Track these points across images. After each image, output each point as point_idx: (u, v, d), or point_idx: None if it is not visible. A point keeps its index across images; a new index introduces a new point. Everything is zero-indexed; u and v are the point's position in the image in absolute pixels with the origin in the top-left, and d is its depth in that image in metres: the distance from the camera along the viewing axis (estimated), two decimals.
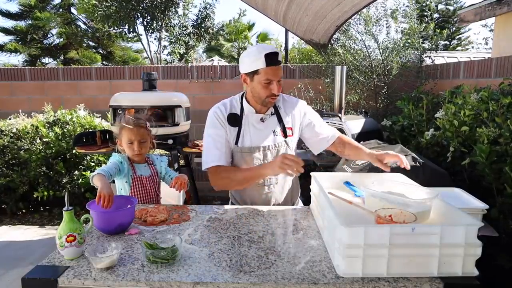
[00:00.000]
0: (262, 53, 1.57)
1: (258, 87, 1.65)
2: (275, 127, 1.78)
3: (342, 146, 1.86)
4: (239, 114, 1.76)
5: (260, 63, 1.59)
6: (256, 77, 1.63)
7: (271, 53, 1.58)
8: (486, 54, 9.12)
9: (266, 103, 1.70)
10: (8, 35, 13.22)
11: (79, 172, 3.96)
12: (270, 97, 1.66)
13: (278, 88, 1.64)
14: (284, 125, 1.79)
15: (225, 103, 1.81)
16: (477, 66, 3.56)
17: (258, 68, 1.60)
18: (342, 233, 1.06)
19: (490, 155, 1.95)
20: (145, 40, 9.75)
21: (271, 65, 1.59)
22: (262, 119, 1.75)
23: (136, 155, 1.85)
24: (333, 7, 2.50)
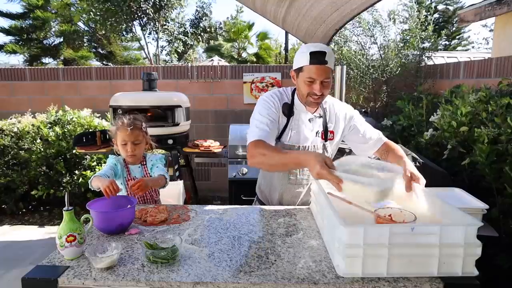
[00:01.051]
0: (309, 50, 1.55)
1: (301, 84, 1.63)
2: (319, 129, 1.76)
3: (386, 153, 1.75)
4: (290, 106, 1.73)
5: (305, 60, 1.57)
6: (301, 74, 1.62)
7: (317, 51, 1.55)
8: (486, 54, 9.12)
9: (309, 102, 1.65)
10: (8, 35, 13.21)
11: (79, 172, 3.96)
12: (311, 96, 1.62)
13: (320, 89, 1.58)
14: (326, 128, 1.76)
15: (279, 92, 1.76)
16: (477, 66, 3.56)
17: (303, 65, 1.59)
18: (341, 233, 1.06)
19: (490, 155, 1.95)
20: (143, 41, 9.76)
21: (315, 63, 1.55)
22: (309, 119, 1.73)
23: (129, 156, 1.84)
24: (332, 12, 2.50)
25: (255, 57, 15.84)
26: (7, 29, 12.94)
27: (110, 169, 1.79)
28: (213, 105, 4.88)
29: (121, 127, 1.82)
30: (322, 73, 1.58)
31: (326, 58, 1.56)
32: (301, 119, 1.73)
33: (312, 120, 1.74)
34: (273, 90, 1.78)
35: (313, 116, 1.74)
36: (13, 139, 4.00)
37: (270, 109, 1.68)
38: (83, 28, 12.97)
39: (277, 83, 4.80)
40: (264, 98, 1.73)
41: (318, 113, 1.76)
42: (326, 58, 1.56)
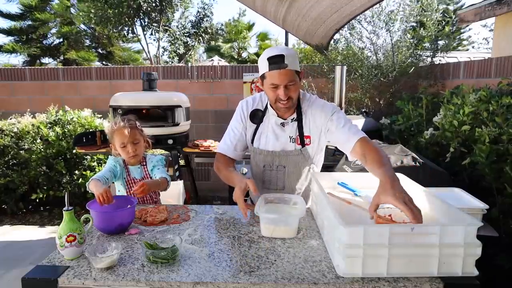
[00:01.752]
0: (267, 56, 1.53)
1: (267, 91, 1.62)
2: (292, 134, 1.71)
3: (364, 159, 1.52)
4: (263, 112, 1.74)
5: (265, 66, 1.54)
6: (264, 81, 1.60)
7: (274, 56, 1.51)
8: (486, 54, 9.12)
9: (278, 107, 1.63)
10: (8, 35, 13.22)
11: (80, 172, 3.96)
12: (279, 102, 1.59)
13: (285, 93, 1.54)
14: (302, 133, 1.70)
15: (254, 98, 1.79)
16: (477, 66, 3.56)
17: (264, 72, 1.57)
18: (341, 233, 1.06)
19: (490, 155, 1.95)
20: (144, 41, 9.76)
21: (275, 69, 1.52)
22: (282, 124, 1.71)
23: (131, 157, 1.83)
24: (332, 13, 2.51)
25: (256, 56, 15.86)
26: (7, 30, 12.94)
27: (108, 171, 1.78)
28: (213, 105, 4.88)
29: (117, 129, 1.80)
30: (284, 78, 1.53)
31: (285, 61, 1.51)
32: (270, 124, 1.72)
33: (286, 124, 1.71)
34: (249, 97, 1.82)
35: (285, 121, 1.70)
36: (13, 139, 4.00)
37: (236, 119, 1.78)
38: (84, 29, 12.98)
39: None
40: (237, 107, 1.80)
41: (292, 117, 1.70)
42: (285, 61, 1.51)
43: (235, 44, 16.22)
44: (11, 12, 13.04)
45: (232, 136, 1.78)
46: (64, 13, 12.59)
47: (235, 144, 1.77)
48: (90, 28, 12.74)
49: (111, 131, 1.82)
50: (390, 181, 1.25)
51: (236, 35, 15.60)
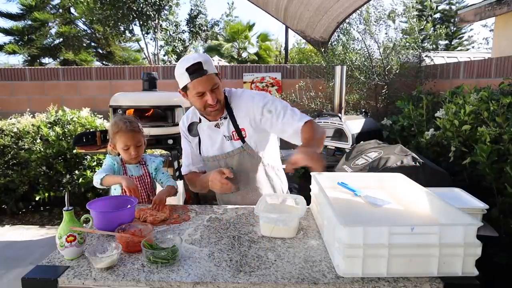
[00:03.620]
0: (184, 67, 1.52)
1: (194, 100, 1.61)
2: (227, 132, 1.71)
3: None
4: (198, 123, 1.78)
5: (185, 78, 1.54)
6: (188, 92, 1.59)
7: (192, 65, 1.50)
8: (486, 54, 9.12)
9: (208, 114, 1.65)
10: (8, 35, 13.22)
11: (80, 172, 3.96)
12: (208, 107, 1.60)
13: (213, 98, 1.55)
14: (238, 126, 1.69)
15: (188, 113, 1.85)
16: (477, 66, 3.56)
17: (186, 83, 1.55)
18: (341, 232, 1.06)
19: (491, 155, 1.95)
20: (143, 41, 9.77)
21: (196, 77, 1.52)
22: (217, 125, 1.72)
23: (133, 158, 1.85)
24: (335, 2, 2.50)
25: (256, 56, 15.87)
26: (7, 30, 12.94)
27: (110, 169, 1.79)
28: None
29: (121, 132, 1.80)
30: (207, 84, 1.54)
31: (204, 67, 1.52)
32: (205, 130, 1.76)
33: (221, 125, 1.72)
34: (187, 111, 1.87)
35: (219, 121, 1.71)
36: (13, 139, 4.00)
37: (183, 137, 1.86)
38: (83, 29, 12.98)
39: (277, 83, 4.80)
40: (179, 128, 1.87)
41: (224, 115, 1.70)
42: (204, 67, 1.52)
43: (235, 44, 16.23)
44: (11, 12, 13.06)
45: (186, 155, 1.87)
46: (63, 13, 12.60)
47: (191, 160, 1.85)
48: (90, 28, 12.75)
49: (114, 132, 1.82)
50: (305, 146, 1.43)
51: (236, 35, 15.61)
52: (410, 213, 1.36)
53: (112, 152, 1.88)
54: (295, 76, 4.82)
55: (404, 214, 1.36)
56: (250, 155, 1.72)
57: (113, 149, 1.86)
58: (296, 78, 4.81)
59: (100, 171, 1.74)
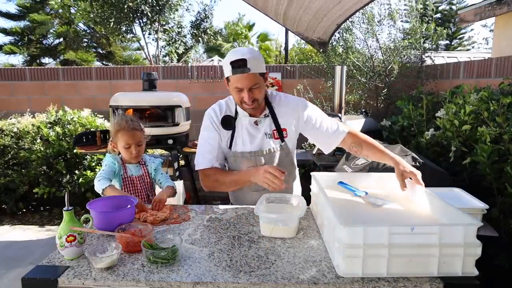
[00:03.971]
0: (230, 60, 1.52)
1: (232, 93, 1.63)
2: (268, 130, 1.72)
3: (358, 147, 1.69)
4: (233, 117, 1.72)
5: (228, 71, 1.55)
6: (229, 84, 1.61)
7: (236, 60, 1.51)
8: (486, 54, 9.12)
9: (244, 109, 1.66)
10: (8, 35, 13.22)
11: (80, 172, 3.96)
12: (244, 104, 1.61)
13: (249, 96, 1.56)
14: (279, 127, 1.72)
15: (220, 105, 1.77)
16: (477, 66, 3.56)
17: (228, 75, 1.57)
18: (341, 232, 1.06)
19: (491, 155, 1.95)
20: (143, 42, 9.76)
21: (237, 73, 1.53)
22: (256, 122, 1.71)
23: (133, 157, 1.84)
24: (334, 5, 2.49)
25: None
26: (7, 30, 12.94)
27: (111, 171, 1.78)
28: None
29: (123, 130, 1.80)
30: (247, 82, 1.54)
31: (248, 65, 1.51)
32: (245, 125, 1.71)
33: (259, 122, 1.71)
34: (214, 105, 1.79)
35: (258, 118, 1.71)
36: (13, 139, 4.01)
37: (209, 129, 1.73)
38: (83, 29, 12.98)
39: (277, 83, 4.80)
40: (205, 117, 1.77)
41: (265, 113, 1.71)
42: (248, 65, 1.51)
43: (236, 44, 16.23)
44: (10, 13, 13.06)
45: (209, 148, 1.72)
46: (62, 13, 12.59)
47: (216, 155, 1.72)
48: (90, 28, 12.74)
49: (116, 130, 1.82)
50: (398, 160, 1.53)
51: (237, 35, 15.62)
52: (410, 213, 1.36)
53: (112, 151, 1.88)
54: (295, 76, 4.82)
55: (404, 214, 1.36)
56: (286, 154, 1.76)
57: (114, 147, 1.86)
58: (296, 78, 4.81)
59: (102, 175, 1.71)
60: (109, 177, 1.71)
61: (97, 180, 1.68)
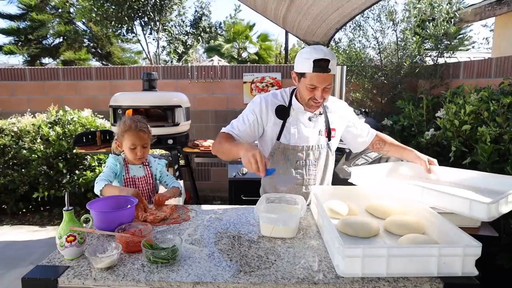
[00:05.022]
0: (313, 57, 1.53)
1: (303, 89, 1.63)
2: (321, 127, 1.76)
3: (381, 144, 1.90)
4: (287, 108, 1.73)
5: (308, 67, 1.55)
6: (303, 80, 1.61)
7: (321, 59, 1.52)
8: (486, 54, 9.11)
9: (309, 106, 1.67)
10: (8, 35, 13.22)
11: (80, 172, 3.96)
12: (312, 101, 1.63)
13: (322, 95, 1.60)
14: (329, 126, 1.78)
15: (275, 94, 1.78)
16: (477, 66, 3.56)
17: (306, 71, 1.57)
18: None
19: (492, 155, 1.95)
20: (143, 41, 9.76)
21: (318, 71, 1.54)
22: (310, 118, 1.74)
23: (138, 159, 1.83)
24: (333, 11, 2.49)
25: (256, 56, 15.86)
26: (7, 30, 12.94)
27: (111, 172, 1.77)
28: (213, 105, 4.88)
29: (131, 130, 1.79)
30: (325, 81, 1.58)
31: (329, 66, 1.55)
32: (299, 119, 1.73)
33: (312, 119, 1.74)
34: (268, 93, 1.79)
35: (313, 115, 1.74)
36: (13, 138, 4.00)
37: (253, 112, 1.72)
38: (83, 29, 12.97)
39: (277, 83, 4.80)
40: (257, 100, 1.75)
41: (319, 111, 1.75)
42: (329, 66, 1.55)
43: (235, 44, 16.23)
44: (11, 13, 13.06)
45: (241, 124, 1.73)
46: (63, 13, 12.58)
47: (242, 131, 1.72)
48: (89, 28, 12.74)
49: (123, 130, 1.80)
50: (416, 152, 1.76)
51: (237, 35, 15.61)
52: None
53: (116, 149, 1.87)
54: None
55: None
56: (331, 152, 1.82)
57: (119, 146, 1.85)
58: None
59: (101, 177, 1.70)
60: (107, 179, 1.70)
61: (96, 183, 1.67)
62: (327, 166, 1.83)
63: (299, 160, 1.74)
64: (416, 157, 1.73)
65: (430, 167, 1.68)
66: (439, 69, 4.17)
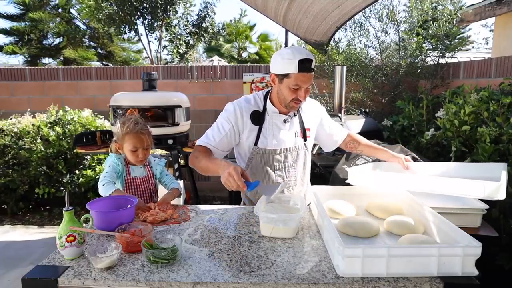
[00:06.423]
0: (297, 58, 1.53)
1: (285, 90, 1.62)
2: (296, 129, 1.78)
3: (354, 143, 1.95)
4: (261, 113, 1.74)
5: (293, 67, 1.55)
6: (286, 80, 1.60)
7: (306, 59, 1.54)
8: (486, 54, 9.11)
9: (290, 107, 1.67)
10: (8, 36, 13.21)
11: (80, 172, 3.96)
12: (294, 101, 1.64)
13: (305, 95, 1.62)
14: (304, 127, 1.81)
15: (248, 100, 1.77)
16: (477, 66, 3.56)
17: (290, 72, 1.57)
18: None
19: (492, 155, 1.95)
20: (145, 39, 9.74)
21: (304, 71, 1.55)
22: (285, 121, 1.74)
23: (139, 161, 1.82)
24: (333, 9, 2.49)
25: (257, 56, 15.86)
26: (6, 30, 12.94)
27: (114, 172, 1.75)
28: (213, 105, 4.89)
29: (132, 133, 1.77)
30: (309, 81, 1.60)
31: (312, 66, 1.58)
32: (274, 123, 1.74)
33: (287, 121, 1.75)
34: (240, 99, 1.78)
35: (287, 117, 1.75)
36: (13, 139, 4.01)
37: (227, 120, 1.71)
38: (83, 29, 12.97)
39: None
40: (229, 107, 1.74)
41: (292, 112, 1.76)
42: (312, 66, 1.58)
43: (236, 44, 16.23)
44: (11, 13, 13.06)
45: (217, 134, 1.72)
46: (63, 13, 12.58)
47: (218, 141, 1.72)
48: (90, 28, 12.73)
49: (124, 133, 1.78)
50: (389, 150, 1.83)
51: (237, 35, 15.61)
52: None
53: (116, 151, 1.84)
54: None
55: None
56: (307, 152, 1.84)
57: (119, 149, 1.82)
58: None
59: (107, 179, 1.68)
60: (113, 181, 1.69)
61: (102, 185, 1.65)
62: (305, 166, 1.86)
63: (278, 163, 1.75)
64: (391, 156, 1.78)
65: (407, 164, 1.72)
66: (439, 70, 4.17)
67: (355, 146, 1.95)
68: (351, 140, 1.96)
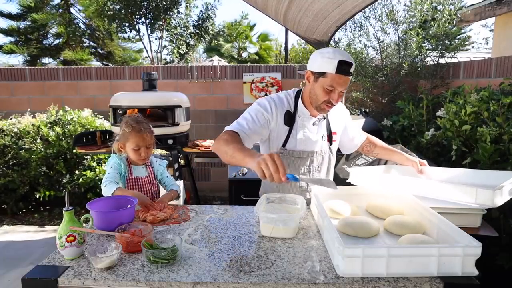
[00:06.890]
0: (337, 58, 1.49)
1: (319, 90, 1.57)
2: (323, 132, 1.75)
3: (371, 147, 1.94)
4: (293, 114, 1.69)
5: (331, 67, 1.50)
6: (321, 80, 1.55)
7: (346, 62, 1.50)
8: (486, 54, 9.11)
9: (321, 109, 1.62)
10: (8, 35, 13.21)
11: (80, 172, 3.95)
12: (326, 104, 1.59)
13: (338, 98, 1.57)
14: (330, 130, 1.78)
15: (281, 99, 1.69)
16: (477, 66, 3.56)
17: (327, 71, 1.52)
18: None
19: (493, 155, 1.95)
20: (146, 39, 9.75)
21: (341, 73, 1.51)
22: (314, 123, 1.71)
23: (142, 160, 1.83)
24: (334, 9, 2.49)
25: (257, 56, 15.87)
26: (7, 30, 12.93)
27: (117, 172, 1.75)
28: (213, 105, 4.89)
29: (135, 131, 1.77)
30: (345, 84, 1.55)
31: (351, 69, 1.54)
32: (304, 125, 1.70)
33: (316, 124, 1.72)
34: (273, 95, 1.71)
35: (317, 119, 1.71)
36: (13, 139, 4.01)
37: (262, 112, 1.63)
38: (83, 29, 12.97)
39: (277, 83, 4.80)
40: (260, 102, 1.66)
41: (323, 115, 1.73)
42: (351, 69, 1.54)
43: (236, 44, 16.23)
44: (11, 13, 13.04)
45: (251, 123, 1.59)
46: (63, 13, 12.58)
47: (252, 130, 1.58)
48: (90, 28, 12.73)
49: (127, 132, 1.78)
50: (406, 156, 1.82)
51: (237, 36, 15.62)
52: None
53: (118, 151, 1.84)
54: (295, 76, 4.82)
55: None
56: (332, 157, 1.82)
57: (121, 148, 1.83)
58: (296, 78, 4.81)
59: (108, 179, 1.68)
60: (115, 181, 1.69)
61: (104, 185, 1.65)
62: (329, 171, 1.83)
63: (303, 166, 1.72)
64: (406, 159, 1.77)
65: (421, 168, 1.70)
66: (439, 70, 4.16)
67: (371, 149, 1.93)
68: (368, 143, 1.94)
